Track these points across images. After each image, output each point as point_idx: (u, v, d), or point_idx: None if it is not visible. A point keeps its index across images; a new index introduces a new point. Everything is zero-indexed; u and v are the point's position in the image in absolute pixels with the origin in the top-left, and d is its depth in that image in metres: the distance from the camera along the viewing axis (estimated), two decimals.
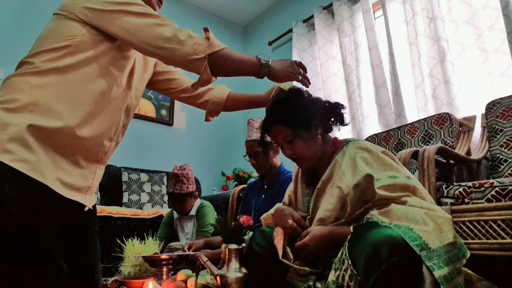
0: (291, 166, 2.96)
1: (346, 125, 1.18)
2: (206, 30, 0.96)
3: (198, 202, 2.24)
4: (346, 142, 1.10)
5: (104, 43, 0.92)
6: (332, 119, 1.16)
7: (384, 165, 0.98)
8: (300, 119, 1.07)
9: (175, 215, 2.26)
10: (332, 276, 0.86)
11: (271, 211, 1.24)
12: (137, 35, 0.89)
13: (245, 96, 1.28)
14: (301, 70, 1.09)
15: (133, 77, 1.04)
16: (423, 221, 0.82)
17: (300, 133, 1.07)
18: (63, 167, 0.85)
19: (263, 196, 1.82)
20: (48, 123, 0.81)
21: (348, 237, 0.86)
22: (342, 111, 1.16)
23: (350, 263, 0.80)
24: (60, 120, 0.83)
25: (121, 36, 0.91)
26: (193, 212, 2.19)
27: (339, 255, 0.87)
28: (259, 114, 1.43)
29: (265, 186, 1.84)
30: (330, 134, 1.19)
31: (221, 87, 1.31)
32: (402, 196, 0.91)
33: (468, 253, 0.86)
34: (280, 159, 1.89)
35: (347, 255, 0.82)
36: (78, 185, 0.90)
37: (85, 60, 0.89)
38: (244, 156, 1.89)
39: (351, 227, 0.88)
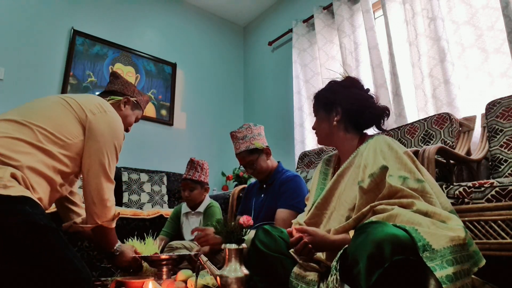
0: (290, 166, 2.96)
1: (384, 130, 1.22)
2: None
3: (207, 200, 2.22)
4: (373, 136, 1.13)
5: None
6: (364, 119, 1.17)
7: (400, 163, 0.98)
8: (323, 100, 1.21)
9: (183, 210, 2.24)
10: (329, 277, 0.87)
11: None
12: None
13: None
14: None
15: None
16: (427, 226, 0.82)
17: (319, 112, 1.22)
18: None
19: (262, 195, 1.82)
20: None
21: (352, 235, 0.86)
22: (372, 113, 1.17)
23: (335, 271, 0.85)
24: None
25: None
26: (201, 209, 2.17)
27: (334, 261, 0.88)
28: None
29: (264, 186, 1.84)
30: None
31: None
32: (410, 196, 0.91)
33: (483, 262, 0.84)
34: (277, 159, 1.90)
35: (336, 260, 0.85)
36: None
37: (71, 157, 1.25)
38: (239, 168, 1.99)
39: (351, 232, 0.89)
